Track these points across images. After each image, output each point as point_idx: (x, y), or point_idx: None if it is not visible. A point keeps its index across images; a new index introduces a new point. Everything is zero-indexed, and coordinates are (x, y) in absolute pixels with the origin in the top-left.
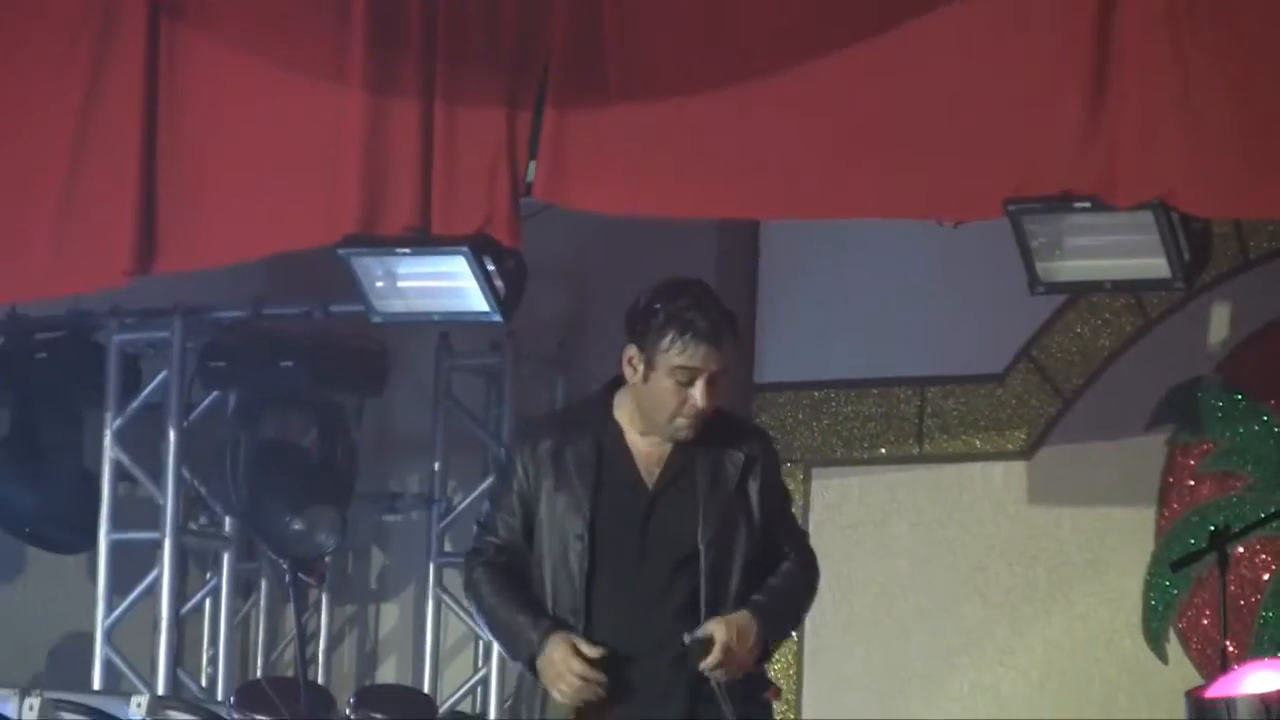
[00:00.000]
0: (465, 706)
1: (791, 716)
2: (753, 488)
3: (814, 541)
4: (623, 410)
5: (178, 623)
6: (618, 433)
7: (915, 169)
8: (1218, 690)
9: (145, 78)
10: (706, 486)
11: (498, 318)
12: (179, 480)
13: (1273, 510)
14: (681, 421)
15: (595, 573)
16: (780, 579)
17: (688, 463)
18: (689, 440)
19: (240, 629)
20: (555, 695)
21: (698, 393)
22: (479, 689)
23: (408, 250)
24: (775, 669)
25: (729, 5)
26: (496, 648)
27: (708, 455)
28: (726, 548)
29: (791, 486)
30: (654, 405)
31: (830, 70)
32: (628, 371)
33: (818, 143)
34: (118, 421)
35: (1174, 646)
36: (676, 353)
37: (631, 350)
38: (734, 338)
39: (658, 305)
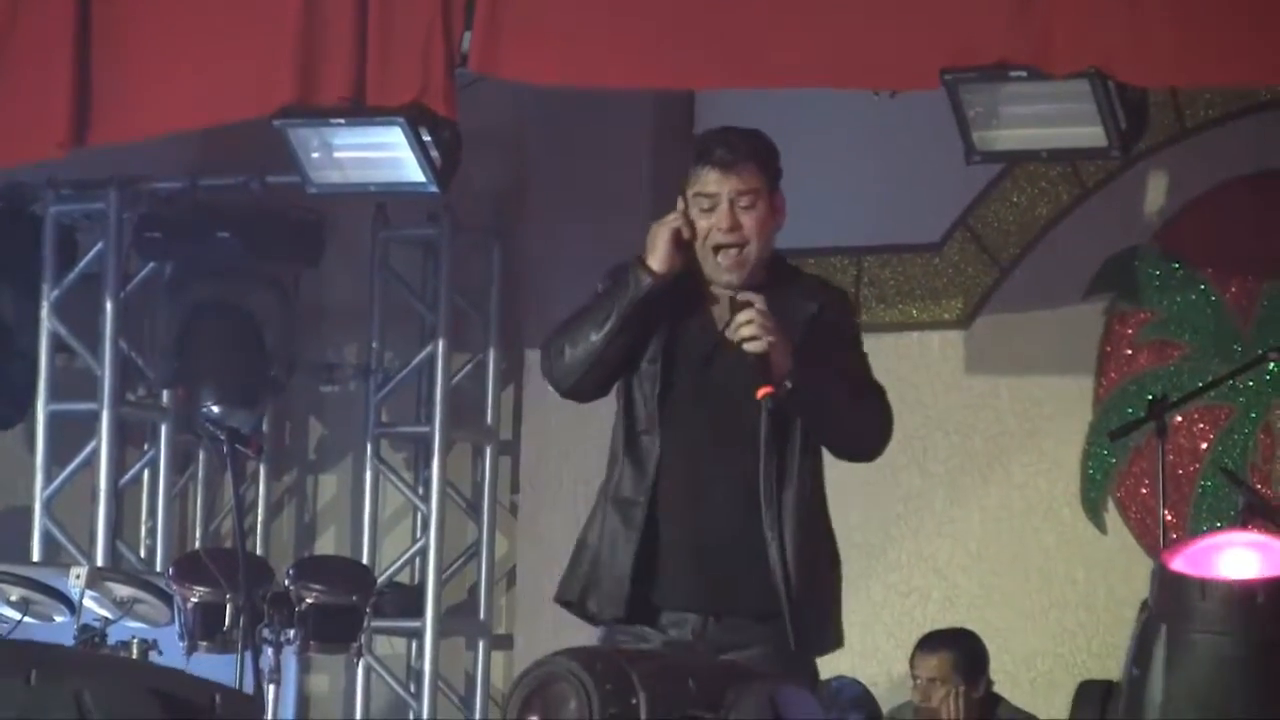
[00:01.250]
0: (403, 577)
1: None
2: (819, 342)
3: None
4: None
5: (116, 494)
6: (700, 276)
7: (851, 38)
8: (1190, 565)
9: None
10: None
11: (434, 188)
12: (116, 351)
13: (1210, 379)
14: (717, 254)
15: (666, 398)
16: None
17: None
18: (735, 277)
19: (178, 500)
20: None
21: (715, 218)
22: (417, 560)
23: (343, 121)
24: None
25: None
26: (435, 520)
27: (776, 308)
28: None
29: None
30: (697, 243)
31: None
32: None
33: (753, 12)
34: (55, 293)
35: (1112, 515)
36: (694, 182)
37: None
38: (756, 160)
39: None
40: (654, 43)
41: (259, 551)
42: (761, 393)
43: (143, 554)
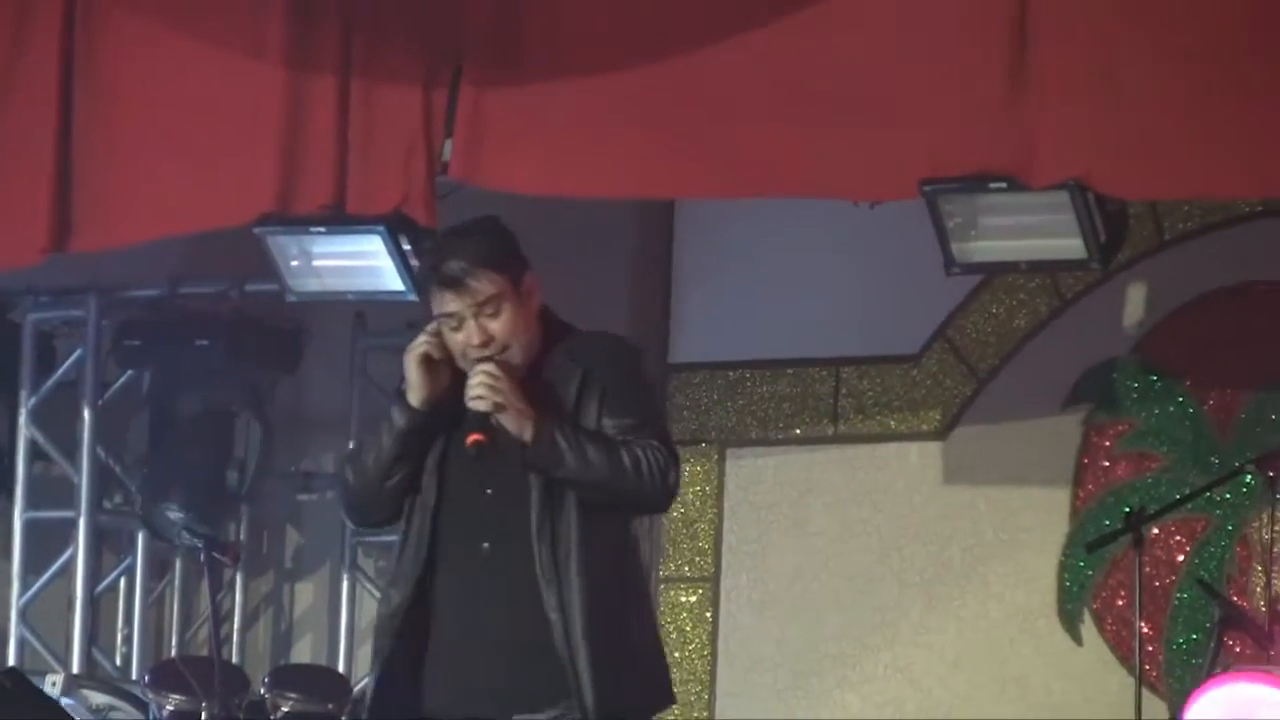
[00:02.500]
0: None
1: (705, 695)
2: (591, 402)
3: (729, 522)
4: None
5: (92, 601)
6: None
7: (831, 148)
8: None
9: (61, 52)
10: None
11: (413, 297)
12: (94, 459)
13: (1188, 491)
14: (466, 362)
15: (440, 508)
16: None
17: (533, 397)
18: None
19: (155, 608)
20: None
21: (464, 335)
22: None
23: (323, 229)
24: (689, 649)
25: None
26: None
27: (545, 386)
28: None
29: (706, 467)
30: (458, 359)
31: (746, 50)
32: None
33: (734, 122)
34: (32, 400)
35: (1089, 627)
36: (435, 302)
37: None
38: (488, 265)
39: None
40: (635, 153)
41: (235, 659)
42: (470, 440)
43: (118, 661)
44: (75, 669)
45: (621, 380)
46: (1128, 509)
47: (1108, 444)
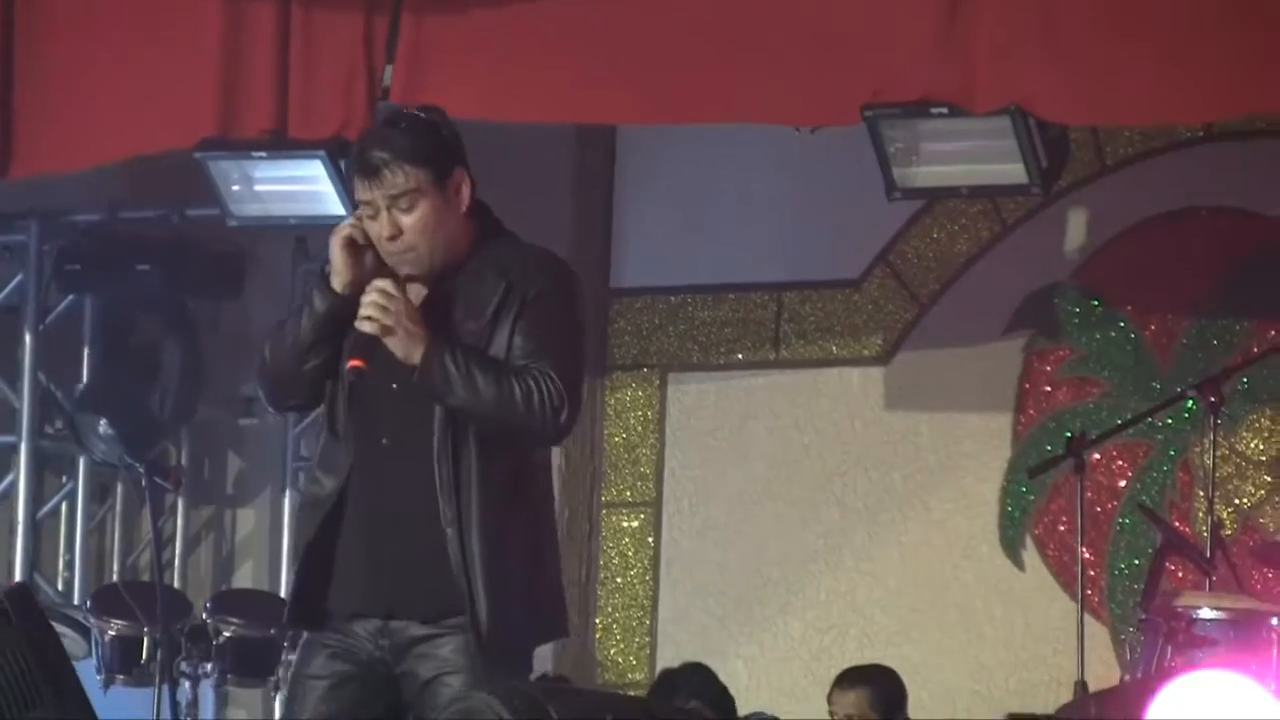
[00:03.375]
0: None
1: (647, 620)
2: (508, 317)
3: (670, 448)
4: None
5: (34, 527)
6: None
7: (772, 74)
8: None
9: None
10: (457, 322)
11: None
12: (35, 384)
13: (1129, 416)
14: (393, 259)
15: (354, 400)
16: (500, 361)
17: (443, 300)
18: (420, 276)
19: (96, 533)
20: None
21: (378, 225)
22: None
23: (264, 154)
24: (631, 574)
25: None
26: None
27: (466, 288)
28: None
29: (648, 392)
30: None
31: None
32: None
33: (675, 48)
34: None
35: (1030, 553)
36: (356, 192)
37: None
38: (411, 158)
39: None
40: (576, 79)
41: (177, 585)
42: (351, 365)
43: (60, 587)
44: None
45: (542, 302)
46: (1069, 434)
47: (1049, 369)
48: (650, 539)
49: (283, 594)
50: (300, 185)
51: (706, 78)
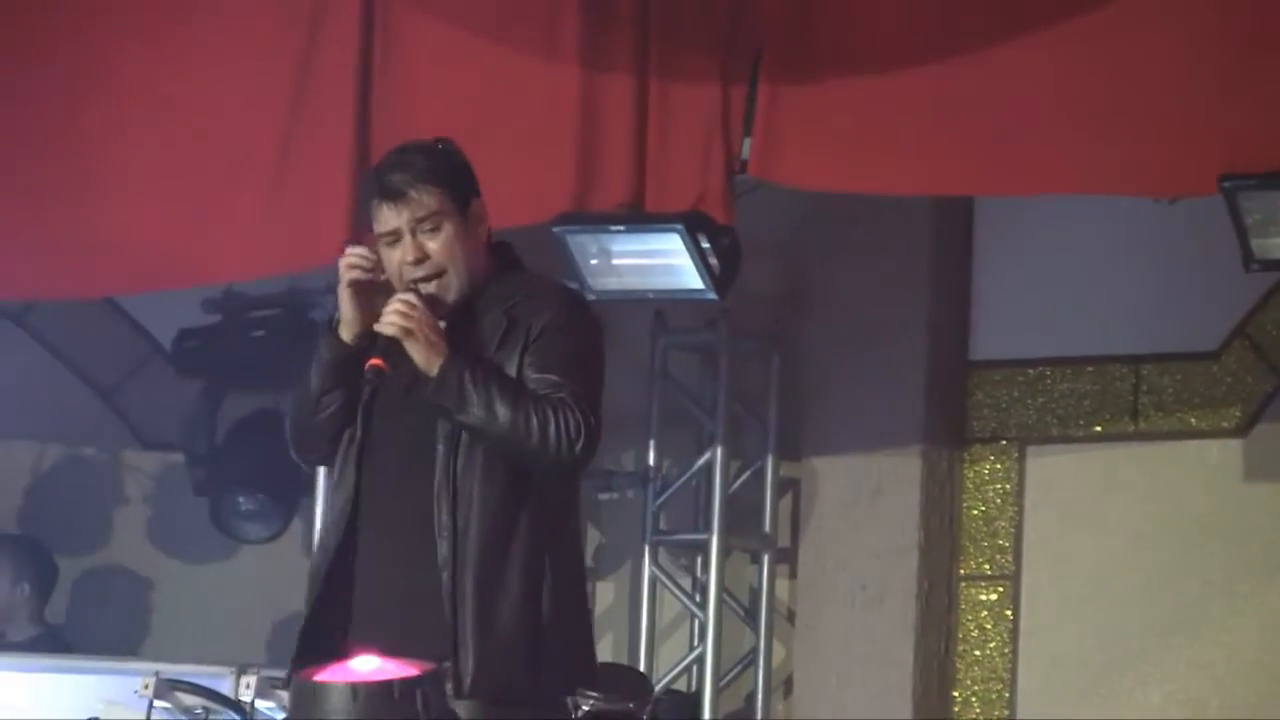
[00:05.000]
0: (681, 685)
1: (1006, 693)
2: (515, 347)
3: (1029, 520)
4: None
5: None
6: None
7: (1128, 144)
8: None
9: (360, 53)
10: (470, 356)
11: (713, 295)
12: None
13: None
14: (401, 284)
15: (365, 444)
16: (521, 385)
17: (457, 334)
18: (452, 300)
19: None
20: (344, 283)
21: (400, 252)
22: (694, 667)
23: (622, 228)
24: (990, 647)
25: None
26: (712, 628)
27: (475, 323)
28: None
29: (1006, 464)
30: (395, 281)
31: (1040, 47)
32: None
33: (1030, 117)
34: None
35: None
36: (375, 222)
37: None
38: (433, 181)
39: None
40: (932, 149)
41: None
42: (370, 364)
43: None
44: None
45: (552, 330)
46: None
47: None
48: (1009, 611)
49: (642, 668)
50: (658, 259)
51: (1060, 148)
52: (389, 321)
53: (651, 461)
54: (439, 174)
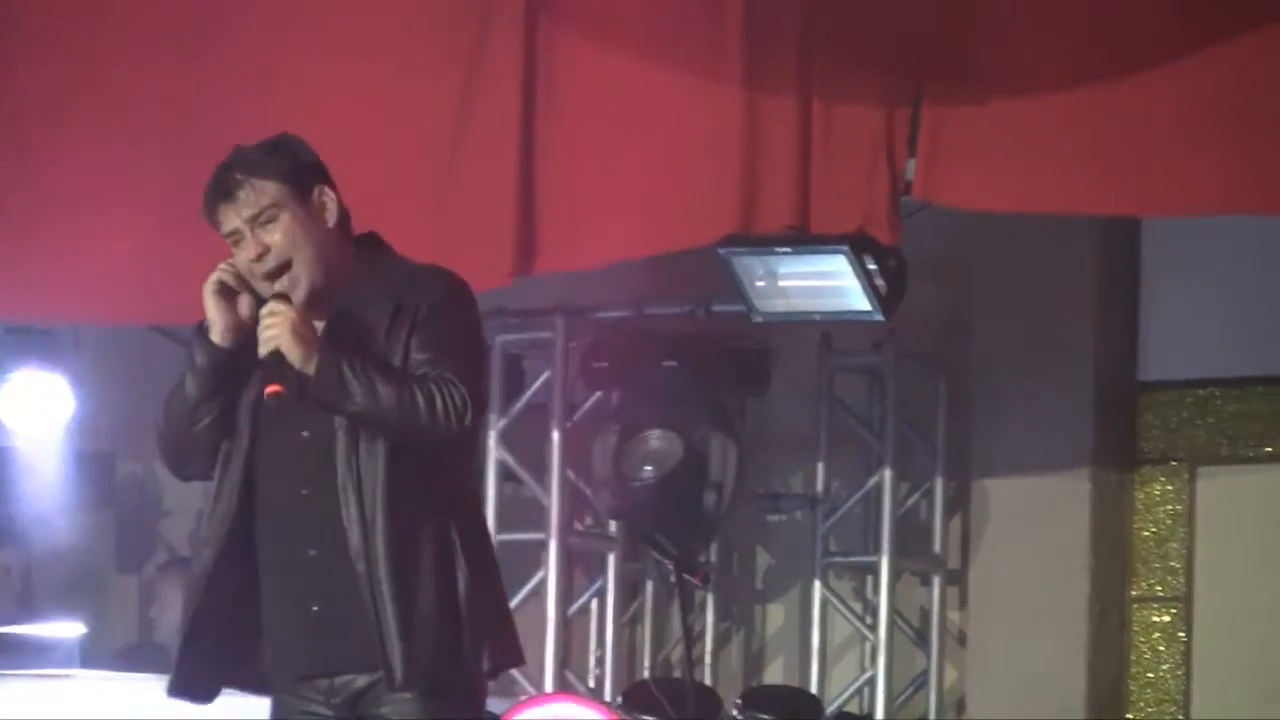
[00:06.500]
0: (852, 707)
1: (1180, 716)
2: (402, 333)
3: (1200, 541)
4: None
5: (565, 624)
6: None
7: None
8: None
9: (523, 77)
10: (349, 347)
11: (879, 317)
12: (563, 481)
13: None
14: (264, 285)
15: (256, 449)
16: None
17: (337, 328)
18: (298, 297)
19: (627, 629)
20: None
21: (245, 250)
22: (866, 689)
23: (788, 249)
24: (1163, 669)
25: None
26: (883, 650)
27: (355, 313)
28: None
29: (1176, 486)
30: (252, 281)
31: (1209, 61)
32: None
33: (1197, 136)
34: (501, 422)
35: None
36: (219, 225)
37: None
38: (262, 173)
39: None
40: (1097, 168)
41: (707, 681)
42: (269, 391)
43: (591, 683)
44: (548, 690)
45: (434, 314)
46: None
47: None
48: (1181, 634)
49: (813, 689)
50: (824, 280)
51: (1228, 167)
52: (262, 341)
53: (820, 484)
54: (271, 167)
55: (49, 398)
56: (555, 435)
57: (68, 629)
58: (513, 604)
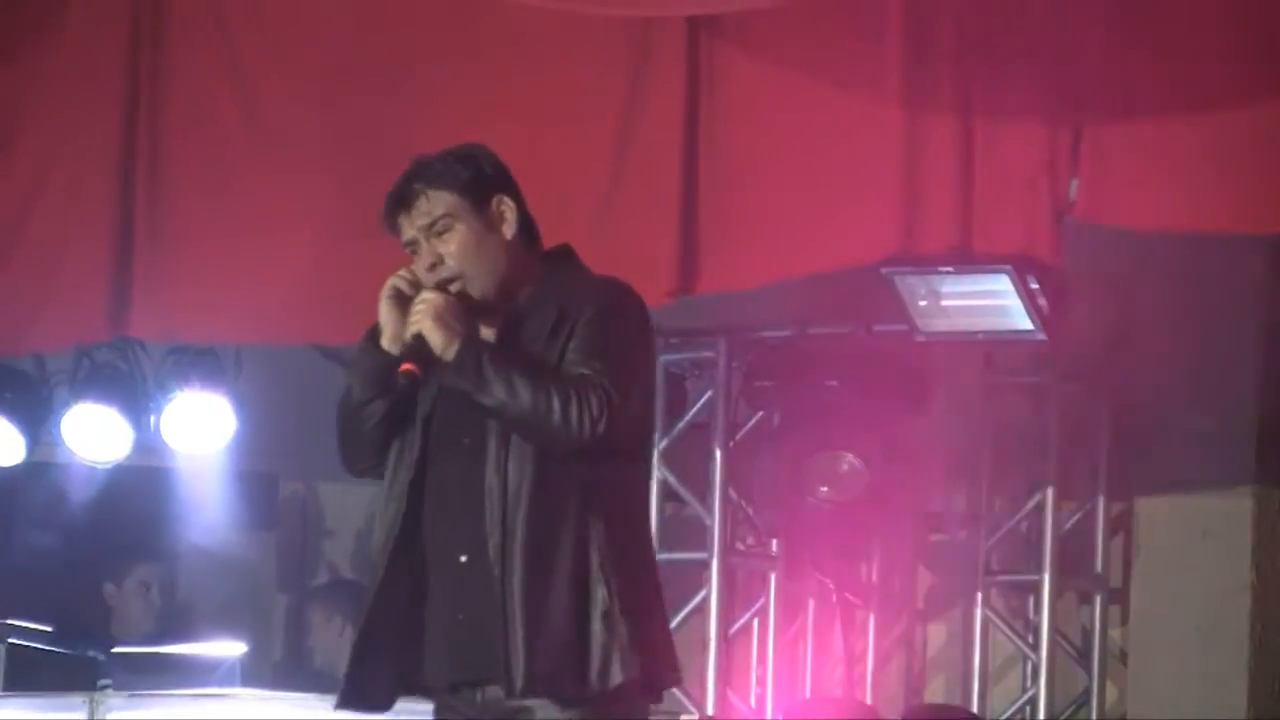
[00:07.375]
0: None
1: None
2: (559, 343)
3: None
4: None
5: (725, 642)
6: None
7: None
8: None
9: (686, 96)
10: (502, 348)
11: (1041, 336)
12: (725, 500)
13: None
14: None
15: (425, 460)
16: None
17: (507, 335)
18: (480, 299)
19: (788, 649)
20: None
21: (421, 259)
22: (1028, 709)
23: (951, 269)
24: None
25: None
26: (1045, 669)
27: (527, 321)
28: None
29: None
30: None
31: None
32: None
33: None
34: (664, 441)
35: None
36: (400, 235)
37: None
38: (438, 183)
39: None
40: (1261, 188)
41: (869, 700)
42: (401, 369)
43: (753, 702)
44: (710, 710)
45: (593, 317)
46: None
47: None
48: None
49: (974, 709)
50: (987, 300)
51: None
52: (411, 322)
53: (983, 503)
54: (449, 177)
55: (211, 418)
56: (718, 454)
57: (229, 648)
58: (673, 623)
